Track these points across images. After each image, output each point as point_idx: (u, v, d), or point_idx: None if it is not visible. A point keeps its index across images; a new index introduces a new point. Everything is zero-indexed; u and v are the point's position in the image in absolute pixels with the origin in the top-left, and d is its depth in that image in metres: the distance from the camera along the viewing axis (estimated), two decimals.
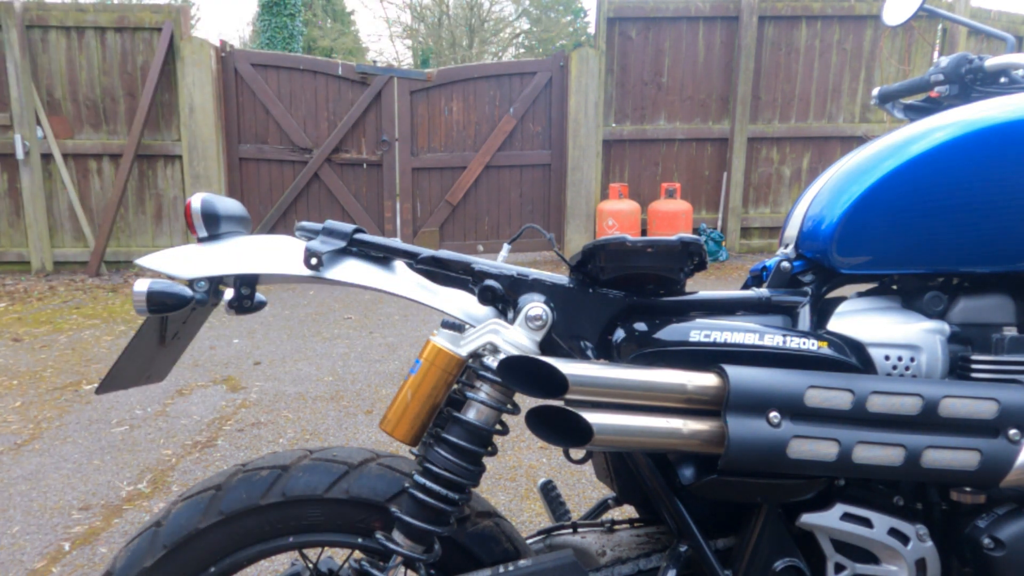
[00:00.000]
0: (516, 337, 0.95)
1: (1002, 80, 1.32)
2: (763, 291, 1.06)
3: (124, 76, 6.87)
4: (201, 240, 0.97)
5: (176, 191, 7.05)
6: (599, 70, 7.19)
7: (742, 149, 7.41)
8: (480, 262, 1.00)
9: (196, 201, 0.96)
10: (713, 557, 0.99)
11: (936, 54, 7.42)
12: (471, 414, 0.96)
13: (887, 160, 0.99)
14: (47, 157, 6.83)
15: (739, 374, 0.90)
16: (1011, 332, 1.01)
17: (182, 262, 0.93)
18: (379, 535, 0.96)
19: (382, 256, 0.98)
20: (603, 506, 1.31)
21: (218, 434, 3.06)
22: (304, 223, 1.01)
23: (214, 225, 0.97)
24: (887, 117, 7.25)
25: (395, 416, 0.97)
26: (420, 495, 0.94)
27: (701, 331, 0.97)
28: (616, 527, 1.17)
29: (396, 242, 1.00)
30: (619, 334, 1.00)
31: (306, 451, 1.02)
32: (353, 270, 0.96)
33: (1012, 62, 1.27)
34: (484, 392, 0.95)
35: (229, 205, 0.99)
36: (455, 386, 0.99)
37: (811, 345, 0.97)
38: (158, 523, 0.96)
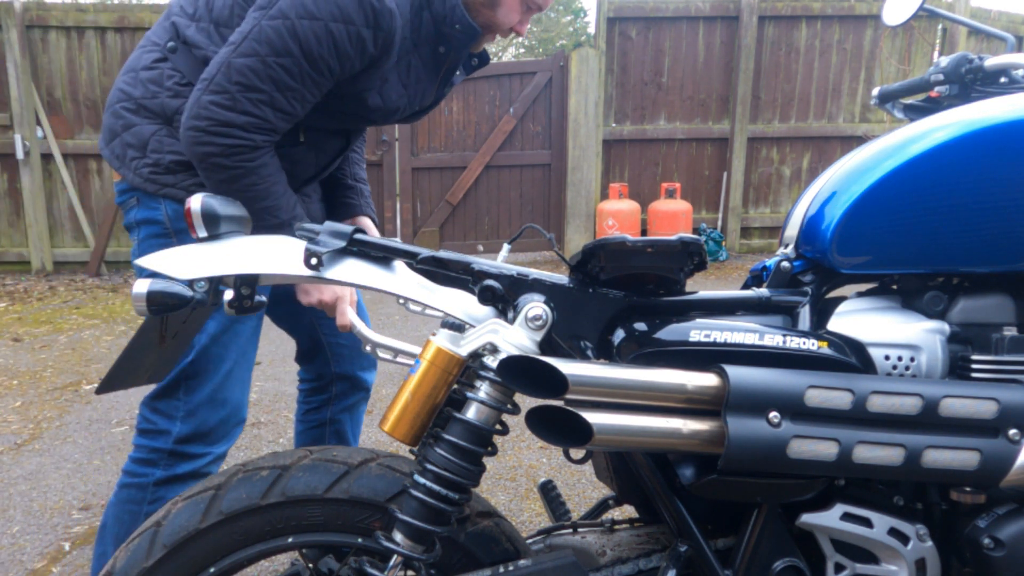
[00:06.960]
0: (516, 337, 0.95)
1: (1002, 80, 1.32)
2: (763, 291, 1.06)
3: None
4: (201, 240, 0.97)
5: None
6: (599, 70, 7.18)
7: (742, 149, 7.40)
8: (480, 262, 1.00)
9: (195, 202, 0.95)
10: (713, 557, 0.99)
11: (936, 54, 7.42)
12: (471, 414, 0.95)
13: (887, 160, 0.99)
14: (47, 157, 6.82)
15: (739, 374, 0.90)
16: (1011, 332, 1.01)
17: (181, 262, 0.93)
18: (379, 535, 0.96)
19: (382, 256, 0.98)
20: (603, 506, 1.31)
21: None
22: (304, 223, 1.01)
23: (214, 225, 0.96)
24: (887, 117, 7.26)
25: (395, 416, 0.97)
26: (420, 495, 0.94)
27: (701, 331, 0.97)
28: (616, 527, 1.17)
29: (396, 242, 1.00)
30: (619, 334, 1.00)
31: (306, 451, 1.02)
32: (353, 270, 0.96)
33: (1012, 62, 1.27)
34: (484, 392, 0.95)
35: (229, 205, 0.99)
36: (455, 386, 0.99)
37: (811, 345, 0.97)
38: (158, 523, 0.96)
